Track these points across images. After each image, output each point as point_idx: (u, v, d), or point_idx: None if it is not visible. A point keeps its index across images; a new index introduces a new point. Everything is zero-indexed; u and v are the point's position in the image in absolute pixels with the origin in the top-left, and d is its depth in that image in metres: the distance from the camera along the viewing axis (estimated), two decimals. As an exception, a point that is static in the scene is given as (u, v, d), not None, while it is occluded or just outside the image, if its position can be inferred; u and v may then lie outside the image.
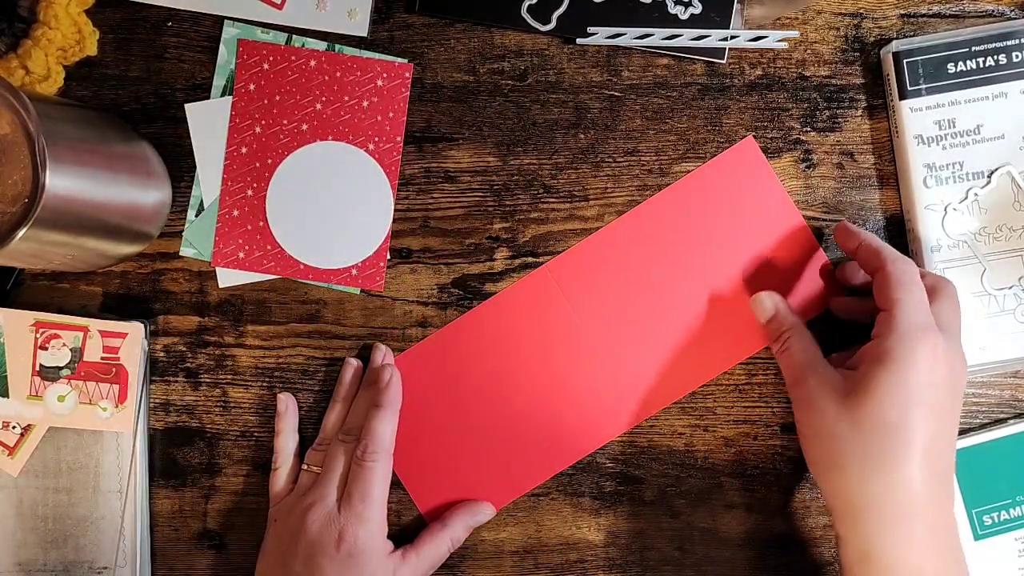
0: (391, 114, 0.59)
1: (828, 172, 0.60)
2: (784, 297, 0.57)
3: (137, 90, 0.59)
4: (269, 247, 0.59)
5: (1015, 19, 0.59)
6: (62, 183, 0.47)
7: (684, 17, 0.58)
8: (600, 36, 0.58)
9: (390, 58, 0.59)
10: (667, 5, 0.58)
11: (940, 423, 0.50)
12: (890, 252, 0.54)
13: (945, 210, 0.58)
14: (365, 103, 0.59)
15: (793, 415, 0.55)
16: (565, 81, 0.59)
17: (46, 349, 0.57)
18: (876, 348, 0.51)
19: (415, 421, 0.59)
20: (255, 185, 0.59)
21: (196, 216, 0.59)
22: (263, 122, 0.59)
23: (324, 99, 0.59)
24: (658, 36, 0.58)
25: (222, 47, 0.59)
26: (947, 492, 0.50)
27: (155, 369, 0.60)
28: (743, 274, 0.59)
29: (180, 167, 0.59)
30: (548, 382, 0.59)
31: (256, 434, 0.60)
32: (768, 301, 0.56)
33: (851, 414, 0.50)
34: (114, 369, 0.57)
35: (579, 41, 0.59)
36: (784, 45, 0.59)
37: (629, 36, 0.58)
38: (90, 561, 0.58)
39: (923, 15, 0.60)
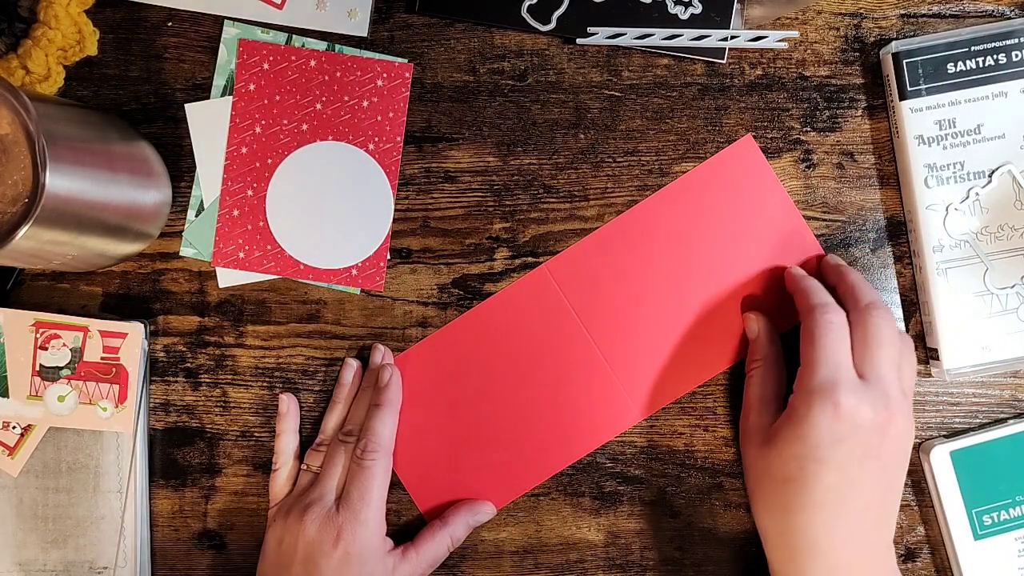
0: (391, 114, 0.59)
1: (828, 172, 0.60)
2: (783, 293, 0.57)
3: (137, 90, 0.59)
4: (269, 247, 0.59)
5: (1015, 19, 0.59)
6: (62, 183, 0.47)
7: (684, 17, 0.58)
8: (600, 36, 0.58)
9: (390, 58, 0.59)
10: (667, 5, 0.58)
11: (841, 476, 0.50)
12: (809, 303, 0.54)
13: (946, 210, 0.58)
14: (365, 103, 0.59)
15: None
16: (565, 81, 0.59)
17: (46, 349, 0.57)
18: (790, 402, 0.53)
19: (415, 421, 0.59)
20: (255, 185, 0.59)
21: (196, 216, 0.59)
22: (263, 122, 0.59)
23: (324, 99, 0.59)
24: (658, 36, 0.58)
25: (222, 47, 0.59)
26: (850, 535, 0.51)
27: (155, 369, 0.60)
28: (743, 272, 0.59)
29: (180, 167, 0.59)
30: (548, 381, 0.59)
31: (256, 434, 0.60)
32: (754, 324, 0.58)
33: (762, 461, 0.54)
34: (114, 369, 0.57)
35: (579, 41, 0.59)
36: (784, 45, 0.59)
37: (629, 36, 0.58)
38: (90, 561, 0.58)
39: (923, 15, 0.60)
